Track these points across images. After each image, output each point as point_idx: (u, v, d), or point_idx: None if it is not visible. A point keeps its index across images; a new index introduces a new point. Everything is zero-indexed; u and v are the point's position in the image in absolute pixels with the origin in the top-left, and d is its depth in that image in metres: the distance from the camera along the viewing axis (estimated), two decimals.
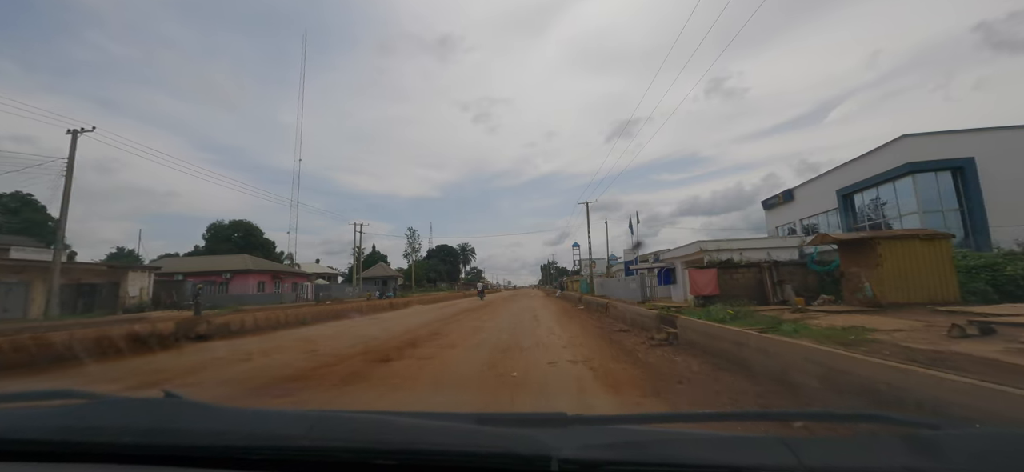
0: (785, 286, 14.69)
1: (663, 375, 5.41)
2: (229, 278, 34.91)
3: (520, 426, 1.00)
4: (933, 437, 0.85)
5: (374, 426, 0.92)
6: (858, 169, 22.02)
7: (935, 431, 0.89)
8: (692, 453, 0.78)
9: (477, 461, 0.78)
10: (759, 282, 15.23)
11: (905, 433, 0.92)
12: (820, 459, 0.73)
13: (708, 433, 0.93)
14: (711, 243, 16.93)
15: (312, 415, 0.93)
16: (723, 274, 15.25)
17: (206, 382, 5.57)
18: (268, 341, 9.75)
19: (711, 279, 15.04)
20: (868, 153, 21.42)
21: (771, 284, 14.95)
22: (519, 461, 0.77)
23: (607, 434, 0.90)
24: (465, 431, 0.90)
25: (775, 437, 0.78)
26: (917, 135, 19.40)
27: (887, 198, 20.62)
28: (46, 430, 0.90)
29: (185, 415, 0.97)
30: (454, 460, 0.79)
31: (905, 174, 19.26)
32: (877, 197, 21.24)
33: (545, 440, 0.79)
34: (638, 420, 1.21)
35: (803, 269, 15.37)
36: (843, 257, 12.37)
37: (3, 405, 1.14)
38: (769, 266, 15.22)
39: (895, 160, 19.66)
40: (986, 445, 0.82)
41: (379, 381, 5.31)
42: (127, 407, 1.05)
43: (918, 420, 1.05)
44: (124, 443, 0.86)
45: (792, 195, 29.90)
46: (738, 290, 15.04)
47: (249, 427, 0.90)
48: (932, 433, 0.88)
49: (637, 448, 0.79)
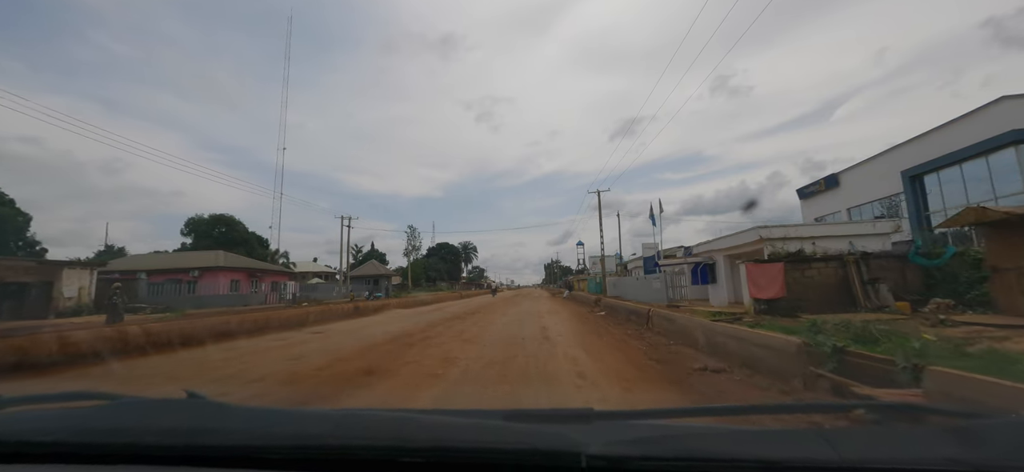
0: (880, 286, 10.83)
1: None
2: (197, 276, 31.32)
3: (547, 422, 0.96)
4: (973, 427, 0.83)
5: (399, 424, 0.90)
6: (934, 143, 18.09)
7: (974, 420, 0.88)
8: (724, 447, 0.77)
9: (505, 457, 0.77)
10: (842, 280, 11.39)
11: (944, 423, 0.89)
12: (858, 451, 0.72)
13: (740, 427, 0.90)
14: (775, 229, 13.04)
15: (336, 414, 0.96)
16: (792, 270, 11.41)
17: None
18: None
19: (776, 277, 11.20)
20: (949, 122, 17.51)
21: (860, 283, 11.10)
22: (548, 457, 0.76)
23: (635, 429, 0.90)
24: (492, 427, 0.90)
25: (813, 430, 0.78)
26: (1021, 96, 15.47)
27: (977, 176, 16.67)
28: (69, 431, 0.91)
29: (207, 415, 0.97)
30: (482, 457, 0.78)
31: (1006, 145, 15.33)
32: (962, 176, 17.30)
33: (573, 436, 0.78)
34: (666, 414, 1.19)
35: (899, 263, 11.50)
36: (995, 245, 8.50)
37: (26, 407, 1.11)
38: (856, 259, 11.36)
39: (990, 129, 15.75)
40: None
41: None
42: (149, 408, 1.06)
43: (957, 409, 1.00)
44: (147, 443, 0.86)
45: (837, 180, 25.94)
46: (813, 291, 11.22)
47: (272, 426, 0.90)
48: (971, 422, 0.87)
49: (666, 443, 0.78)
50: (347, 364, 6.74)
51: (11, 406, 1.08)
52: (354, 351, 8.10)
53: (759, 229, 13.25)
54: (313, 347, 8.90)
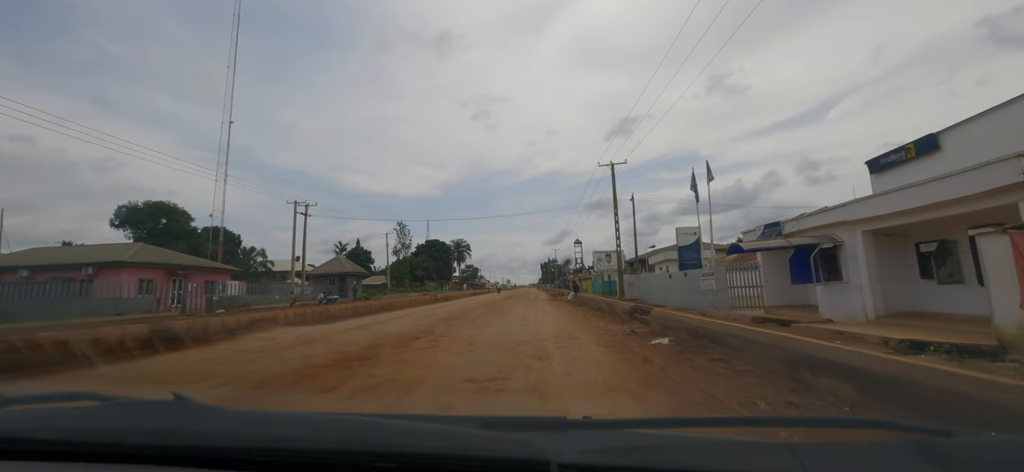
0: None
1: None
2: (92, 274, 24.22)
3: (522, 430, 0.95)
4: (945, 445, 0.82)
5: (374, 429, 0.91)
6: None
7: (947, 439, 0.86)
8: (695, 458, 0.77)
9: (474, 465, 0.78)
10: None
11: (916, 440, 0.85)
12: (825, 465, 0.72)
13: (712, 438, 0.91)
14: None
15: (315, 418, 0.96)
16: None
17: None
18: None
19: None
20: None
21: None
22: (517, 466, 0.77)
23: (608, 438, 0.91)
24: (463, 435, 0.91)
25: (781, 444, 0.77)
26: None
27: None
28: (58, 431, 0.91)
29: (194, 417, 0.98)
30: (451, 464, 0.79)
31: None
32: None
33: (544, 445, 0.78)
34: (640, 424, 1.19)
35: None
36: None
37: (17, 407, 1.12)
38: None
39: None
40: (1000, 453, 0.80)
41: None
42: (137, 409, 1.05)
43: (929, 427, 0.92)
44: (134, 444, 0.87)
45: (936, 142, 19.32)
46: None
47: (254, 429, 0.91)
48: (944, 440, 0.85)
49: (638, 453, 0.78)
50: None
51: (8, 405, 1.11)
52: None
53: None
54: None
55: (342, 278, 39.99)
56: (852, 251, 9.35)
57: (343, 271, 40.26)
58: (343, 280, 39.71)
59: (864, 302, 8.96)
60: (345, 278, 39.74)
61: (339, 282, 39.34)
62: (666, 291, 18.20)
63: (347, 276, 40.04)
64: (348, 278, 39.84)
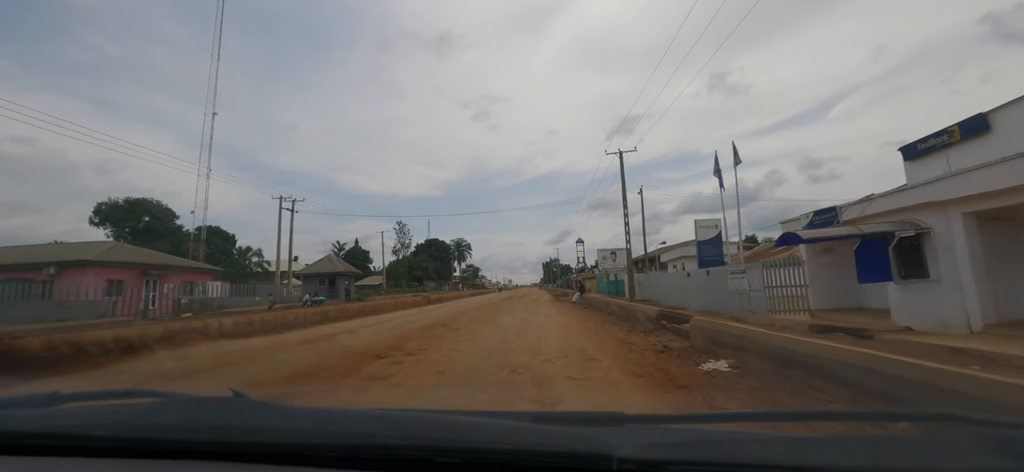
0: None
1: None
2: (54, 274, 22.27)
3: (577, 425, 0.98)
4: (1015, 437, 0.82)
5: (438, 425, 0.91)
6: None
7: (1016, 431, 0.85)
8: (757, 453, 0.75)
9: (538, 459, 0.77)
10: None
11: (985, 433, 0.88)
12: (897, 460, 0.70)
13: (773, 434, 0.89)
14: None
15: (378, 413, 0.96)
16: None
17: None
18: None
19: None
20: None
21: None
22: (581, 459, 0.76)
23: (666, 433, 0.89)
24: (525, 430, 0.89)
25: (853, 438, 0.76)
26: None
27: None
28: (122, 427, 0.92)
29: (252, 413, 0.98)
30: (516, 458, 0.78)
31: None
32: None
33: (604, 439, 0.77)
34: (697, 419, 1.21)
35: None
36: None
37: (73, 404, 1.14)
38: None
39: None
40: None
41: None
42: (195, 405, 1.07)
43: (998, 419, 0.94)
44: (196, 440, 0.87)
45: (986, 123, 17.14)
46: None
47: (314, 425, 0.91)
48: (1013, 432, 0.85)
49: (698, 447, 0.77)
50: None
51: (67, 402, 1.13)
52: None
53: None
54: None
55: (332, 278, 37.84)
56: (945, 240, 7.23)
57: (334, 271, 38.05)
58: (334, 280, 37.59)
59: (967, 307, 6.85)
60: (336, 278, 37.60)
61: (329, 283, 37.23)
62: (684, 291, 16.11)
63: (338, 276, 37.90)
64: (339, 278, 37.68)
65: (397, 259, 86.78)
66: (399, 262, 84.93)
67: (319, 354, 8.00)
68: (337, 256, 38.99)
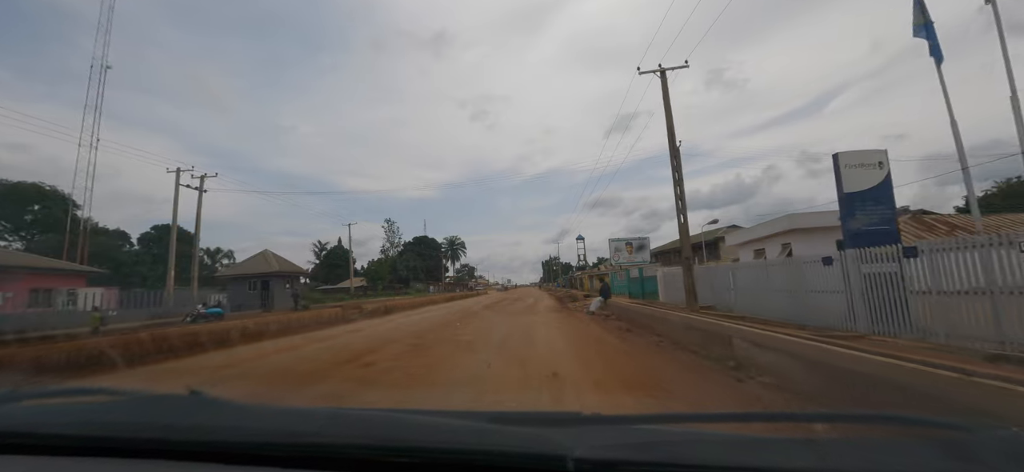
0: None
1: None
2: None
3: (534, 425, 0.96)
4: (966, 440, 0.82)
5: (389, 423, 0.90)
6: None
7: (969, 434, 0.85)
8: (711, 454, 0.75)
9: (491, 459, 0.77)
10: None
11: (936, 435, 0.87)
12: (846, 462, 0.71)
13: (728, 434, 0.90)
14: None
15: (327, 412, 0.96)
16: None
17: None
18: None
19: None
20: None
21: None
22: (534, 460, 0.75)
23: (623, 434, 0.89)
24: (479, 430, 0.87)
25: (799, 439, 0.76)
26: None
27: None
28: (75, 425, 0.92)
29: (208, 412, 0.98)
30: (468, 458, 0.77)
31: None
32: None
33: (560, 439, 0.77)
34: (655, 420, 1.10)
35: None
36: None
37: (34, 401, 1.17)
38: None
39: None
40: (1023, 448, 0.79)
41: None
42: (151, 403, 1.07)
43: (950, 422, 0.93)
44: (148, 438, 0.87)
45: None
46: None
47: (267, 423, 0.91)
48: (966, 436, 0.84)
49: (654, 448, 0.77)
50: None
51: (20, 400, 1.14)
52: None
53: None
54: None
55: (266, 281, 29.13)
56: None
57: (267, 271, 29.18)
58: (266, 284, 29.03)
59: None
60: (270, 281, 28.90)
61: (261, 286, 28.84)
62: (796, 296, 7.92)
63: (273, 277, 29.15)
64: (275, 280, 29.12)
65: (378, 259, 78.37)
66: (380, 262, 76.39)
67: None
68: (265, 251, 30.20)
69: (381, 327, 13.82)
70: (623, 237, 33.20)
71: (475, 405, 5.15)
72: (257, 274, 29.16)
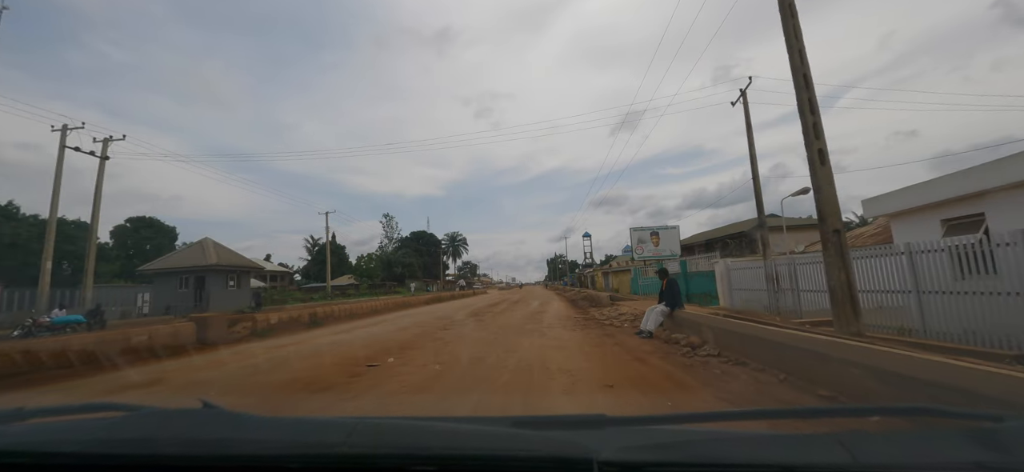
0: None
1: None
2: None
3: (558, 429, 0.94)
4: (995, 430, 0.79)
5: (412, 431, 0.88)
6: None
7: (997, 424, 0.82)
8: (738, 452, 0.74)
9: (517, 464, 0.76)
10: None
11: (965, 426, 0.84)
12: (876, 455, 0.70)
13: (754, 432, 0.88)
14: None
15: (350, 422, 0.92)
16: None
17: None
18: None
19: None
20: None
21: None
22: (560, 464, 0.75)
23: (647, 435, 0.88)
24: (503, 435, 0.88)
25: (828, 435, 0.74)
26: None
27: None
28: (91, 442, 0.90)
29: (223, 424, 0.96)
30: (493, 464, 0.76)
31: None
32: None
33: (584, 442, 0.76)
34: (678, 420, 1.11)
35: None
36: None
37: (44, 419, 1.10)
38: None
39: None
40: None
41: None
42: (168, 418, 1.03)
43: (978, 413, 0.92)
44: (167, 453, 0.85)
45: None
46: None
47: (286, 435, 0.89)
48: (994, 426, 0.82)
49: (679, 448, 0.76)
50: None
51: (33, 417, 1.10)
52: None
53: None
54: None
55: (201, 276, 23.39)
56: None
57: (205, 264, 23.34)
58: (202, 279, 23.30)
59: None
60: (206, 276, 23.23)
61: (196, 283, 23.28)
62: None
63: (210, 272, 23.39)
64: (212, 275, 23.35)
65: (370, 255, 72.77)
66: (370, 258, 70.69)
67: None
68: (205, 240, 24.44)
69: (309, 345, 8.06)
70: (647, 226, 27.25)
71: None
72: (190, 268, 23.48)
